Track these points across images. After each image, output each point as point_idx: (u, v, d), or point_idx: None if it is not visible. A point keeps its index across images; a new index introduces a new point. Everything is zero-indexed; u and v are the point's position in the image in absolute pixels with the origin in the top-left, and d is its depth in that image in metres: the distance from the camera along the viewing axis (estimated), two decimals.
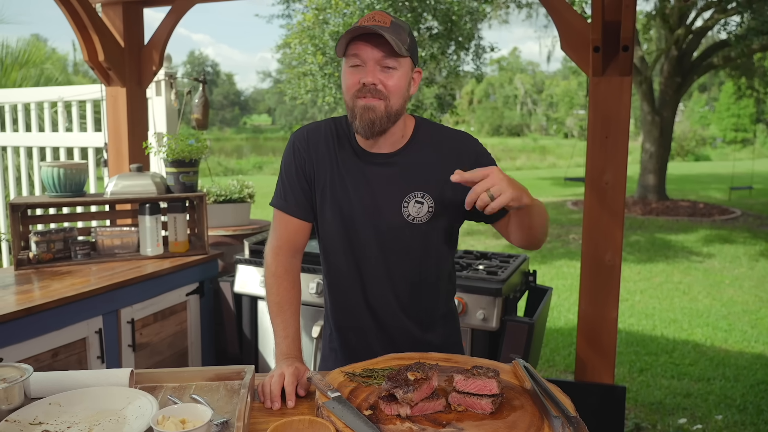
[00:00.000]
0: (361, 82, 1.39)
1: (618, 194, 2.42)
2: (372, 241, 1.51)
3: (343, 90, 1.45)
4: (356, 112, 1.41)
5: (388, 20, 1.40)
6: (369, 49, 1.38)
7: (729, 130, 29.40)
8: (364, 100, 1.40)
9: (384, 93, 1.39)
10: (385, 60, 1.38)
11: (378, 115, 1.40)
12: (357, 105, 1.41)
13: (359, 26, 1.37)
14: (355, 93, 1.41)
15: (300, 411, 1.26)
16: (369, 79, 1.38)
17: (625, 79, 2.37)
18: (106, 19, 3.27)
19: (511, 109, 45.52)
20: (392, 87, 1.40)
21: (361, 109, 1.40)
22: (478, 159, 1.51)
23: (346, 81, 1.43)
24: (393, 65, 1.39)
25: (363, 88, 1.39)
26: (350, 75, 1.41)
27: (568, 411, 1.16)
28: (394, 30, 1.38)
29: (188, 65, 52.91)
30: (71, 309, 2.20)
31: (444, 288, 1.63)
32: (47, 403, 1.20)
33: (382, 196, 1.49)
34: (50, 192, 2.65)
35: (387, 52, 1.38)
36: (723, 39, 11.69)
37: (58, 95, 4.10)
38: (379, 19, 1.39)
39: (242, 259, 2.89)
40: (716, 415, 3.48)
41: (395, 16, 1.44)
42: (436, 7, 8.84)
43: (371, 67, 1.39)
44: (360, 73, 1.40)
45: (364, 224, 1.50)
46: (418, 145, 1.51)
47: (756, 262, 7.58)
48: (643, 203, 12.43)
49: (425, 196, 1.49)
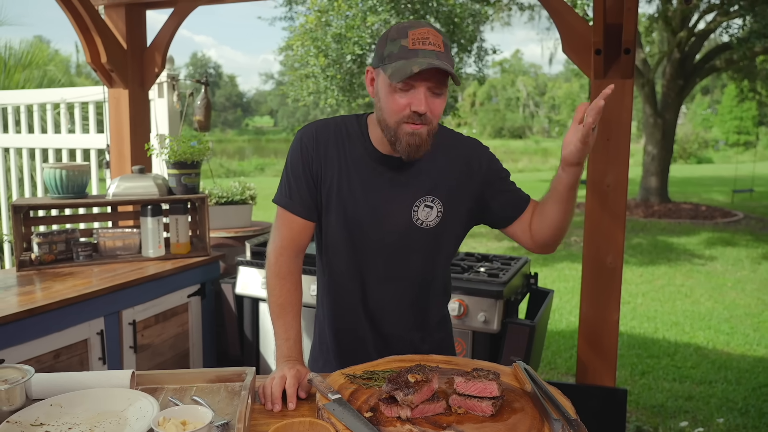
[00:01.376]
0: (412, 110, 1.34)
1: (619, 197, 2.42)
2: (378, 243, 1.50)
3: (384, 107, 1.38)
4: (400, 136, 1.37)
5: (441, 41, 1.33)
6: (423, 78, 1.32)
7: (731, 132, 29.38)
8: (411, 126, 1.36)
9: (430, 118, 1.36)
10: (437, 88, 1.34)
11: (422, 140, 1.37)
12: (402, 130, 1.37)
13: (417, 56, 1.30)
14: (402, 117, 1.36)
15: (300, 413, 1.26)
16: (422, 108, 1.33)
17: (627, 82, 2.37)
18: (109, 21, 3.28)
19: (513, 112, 45.53)
20: (438, 112, 1.38)
21: (406, 135, 1.36)
22: (489, 165, 1.53)
23: (391, 102, 1.36)
24: (442, 92, 1.36)
25: (413, 115, 1.34)
26: (398, 98, 1.35)
27: (569, 414, 1.16)
28: (447, 53, 1.34)
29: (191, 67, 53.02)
30: (73, 310, 2.20)
31: (442, 292, 1.64)
32: (49, 405, 1.21)
33: (391, 199, 1.48)
34: (52, 193, 2.66)
35: (440, 81, 1.33)
36: (725, 42, 11.68)
37: (61, 97, 4.11)
38: (434, 42, 1.32)
39: (244, 261, 2.90)
40: (718, 418, 3.47)
41: (438, 28, 1.38)
42: (439, 10, 8.85)
43: (424, 94, 1.33)
44: (410, 98, 1.34)
45: (371, 226, 1.49)
46: (430, 149, 1.47)
47: (758, 265, 7.57)
48: (645, 206, 12.42)
49: (435, 200, 1.49)
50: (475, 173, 1.51)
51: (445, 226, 1.51)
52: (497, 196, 1.52)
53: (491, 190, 1.52)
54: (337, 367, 1.44)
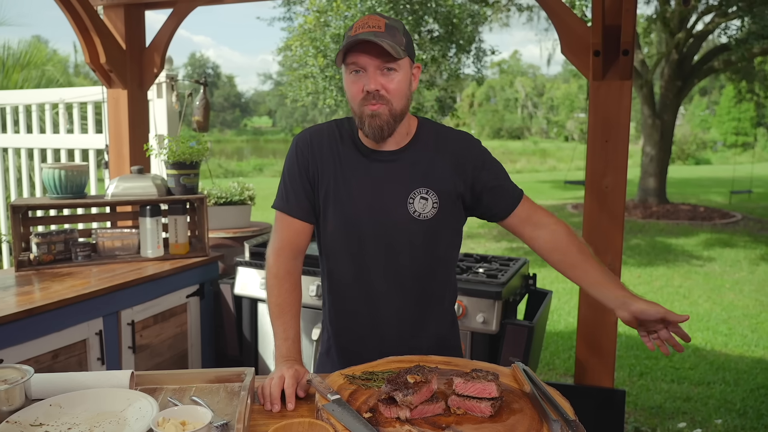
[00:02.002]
0: (365, 90, 1.41)
1: (618, 198, 2.43)
2: (377, 239, 1.51)
3: (348, 98, 1.47)
4: (364, 119, 1.44)
5: (382, 23, 1.41)
6: (367, 57, 1.40)
7: (729, 133, 29.42)
8: (370, 107, 1.42)
9: (387, 97, 1.42)
10: (385, 64, 1.40)
11: (384, 120, 1.43)
12: (364, 113, 1.44)
13: (355, 36, 1.39)
14: (360, 101, 1.43)
15: (300, 413, 1.26)
16: (372, 86, 1.40)
17: (626, 83, 2.37)
18: (108, 21, 3.28)
19: (511, 112, 45.57)
20: (394, 90, 1.42)
21: (368, 117, 1.43)
22: (480, 158, 1.54)
23: (349, 89, 1.45)
24: (393, 67, 1.41)
25: (367, 96, 1.41)
26: (352, 83, 1.44)
27: (567, 414, 1.16)
28: (389, 33, 1.40)
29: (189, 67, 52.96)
30: (72, 310, 2.20)
31: (446, 290, 1.64)
32: (48, 405, 1.21)
33: (387, 192, 1.50)
34: (51, 193, 2.66)
35: (385, 57, 1.39)
36: (723, 43, 11.69)
37: (60, 97, 4.11)
38: (374, 24, 1.40)
39: (242, 262, 2.90)
40: (716, 419, 3.47)
41: (387, 16, 1.46)
42: (437, 10, 8.86)
43: (372, 73, 1.41)
44: (362, 80, 1.42)
45: (368, 222, 1.51)
46: (421, 142, 1.54)
47: (756, 267, 7.58)
48: (644, 207, 12.43)
49: (429, 192, 1.51)
50: (466, 166, 1.53)
51: (441, 218, 1.52)
52: (488, 190, 1.54)
53: (481, 184, 1.53)
54: (340, 367, 1.44)
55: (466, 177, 1.52)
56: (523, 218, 1.55)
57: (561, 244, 1.50)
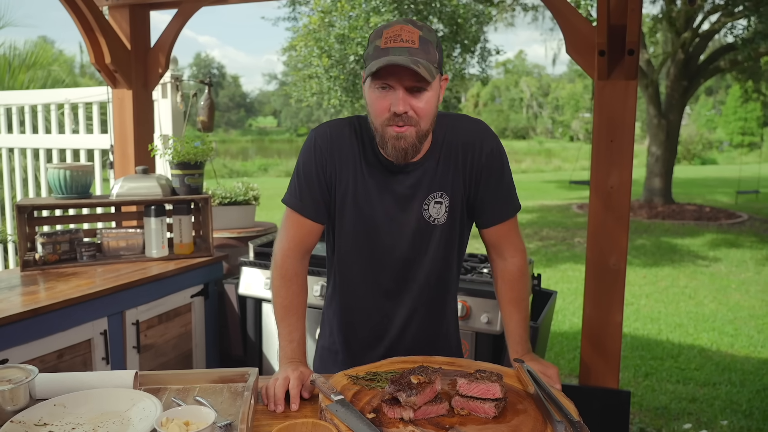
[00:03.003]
0: (392, 111, 1.31)
1: (623, 198, 2.42)
2: (394, 245, 1.48)
3: (371, 113, 1.37)
4: (387, 139, 1.35)
5: (416, 36, 1.29)
6: (398, 79, 1.29)
7: (736, 133, 29.27)
8: (394, 129, 1.33)
9: (415, 119, 1.33)
10: (416, 84, 1.30)
11: (410, 143, 1.34)
12: (387, 133, 1.34)
13: (386, 51, 1.28)
14: (385, 120, 1.33)
15: (303, 414, 1.26)
16: (401, 108, 1.30)
17: (631, 83, 2.36)
18: (113, 22, 3.28)
19: (516, 112, 45.51)
20: (423, 110, 1.33)
21: (392, 138, 1.34)
22: (491, 157, 1.48)
23: (373, 105, 1.34)
24: (424, 87, 1.31)
25: (394, 117, 1.32)
26: (379, 100, 1.33)
27: (572, 415, 1.16)
28: (423, 50, 1.29)
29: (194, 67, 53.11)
30: (76, 310, 2.21)
31: (453, 290, 1.64)
32: (52, 404, 1.21)
33: (406, 200, 1.46)
34: (56, 194, 2.66)
35: (418, 78, 1.29)
36: (730, 42, 11.64)
37: (65, 97, 4.12)
38: (407, 39, 1.28)
39: (247, 262, 2.90)
40: (722, 420, 3.46)
41: (421, 23, 1.34)
42: (442, 10, 8.85)
43: (402, 94, 1.30)
44: (389, 98, 1.31)
45: (386, 229, 1.47)
46: (437, 147, 1.47)
47: (763, 267, 7.54)
48: (649, 207, 12.39)
49: (443, 195, 1.47)
50: (474, 160, 1.47)
51: (454, 221, 1.50)
52: (487, 195, 1.50)
53: (483, 186, 1.49)
54: (344, 366, 1.44)
55: (473, 174, 1.47)
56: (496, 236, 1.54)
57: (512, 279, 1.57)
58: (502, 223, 1.53)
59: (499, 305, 1.58)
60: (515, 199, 1.55)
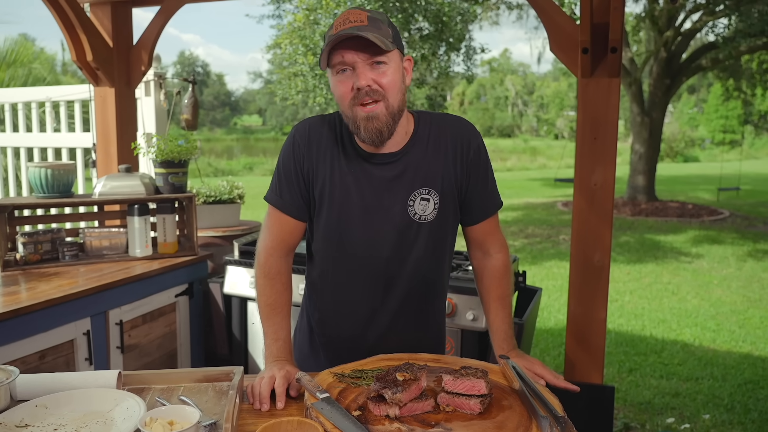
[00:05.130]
0: (355, 88, 1.31)
1: (607, 196, 2.43)
2: (374, 242, 1.45)
3: (338, 101, 1.37)
4: (358, 122, 1.34)
5: (364, 16, 1.32)
6: (353, 53, 1.30)
7: (717, 131, 29.64)
8: (364, 109, 1.32)
9: (381, 92, 1.32)
10: (373, 58, 1.31)
11: (383, 121, 1.33)
12: (358, 115, 1.33)
13: (336, 33, 1.30)
14: (351, 101, 1.33)
15: (289, 412, 1.25)
16: (362, 82, 1.31)
17: (614, 81, 2.38)
18: (95, 19, 3.25)
19: (502, 110, 45.69)
20: (387, 84, 1.33)
21: (363, 120, 1.33)
22: (477, 154, 1.49)
23: (338, 90, 1.35)
24: (383, 60, 1.32)
25: (358, 94, 1.31)
26: (341, 83, 1.34)
27: (556, 411, 1.16)
28: (373, 26, 1.30)
29: (178, 65, 52.68)
30: (59, 311, 2.18)
31: (443, 291, 1.63)
32: (34, 405, 1.19)
33: (387, 196, 1.43)
34: (38, 193, 2.63)
35: (373, 51, 1.30)
36: (711, 41, 11.79)
37: (46, 95, 4.07)
38: (355, 19, 1.31)
39: (232, 260, 2.88)
40: (704, 414, 3.50)
41: (369, 9, 1.37)
42: (427, 8, 8.87)
43: (361, 69, 1.31)
44: (350, 79, 1.32)
45: (366, 226, 1.45)
46: (420, 140, 1.45)
47: (744, 263, 7.65)
48: (633, 204, 12.51)
49: (431, 192, 1.45)
50: (464, 157, 1.47)
51: (443, 219, 1.48)
52: (475, 191, 1.50)
53: (471, 183, 1.49)
54: (331, 364, 1.43)
55: (461, 170, 1.47)
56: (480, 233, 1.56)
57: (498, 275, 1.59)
58: (487, 219, 1.54)
59: (483, 302, 1.59)
60: (498, 194, 1.57)
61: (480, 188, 1.51)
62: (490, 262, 1.57)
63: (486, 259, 1.58)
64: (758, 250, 8.46)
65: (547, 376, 1.37)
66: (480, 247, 1.58)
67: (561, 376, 1.38)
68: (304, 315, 1.66)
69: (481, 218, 1.54)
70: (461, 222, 1.56)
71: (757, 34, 9.66)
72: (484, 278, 1.58)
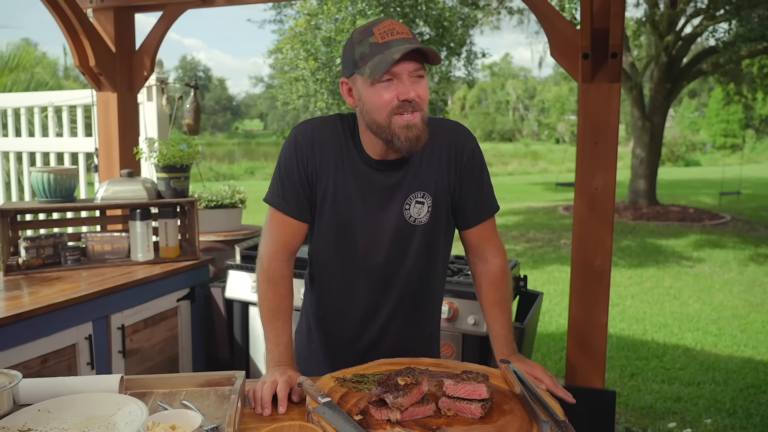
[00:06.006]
0: (401, 98, 1.32)
1: (607, 200, 2.44)
2: (372, 244, 1.48)
3: (371, 108, 1.36)
4: (396, 131, 1.34)
5: (406, 29, 1.35)
6: (404, 64, 1.31)
7: (718, 135, 29.63)
8: (403, 118, 1.33)
9: (420, 104, 1.35)
10: (418, 71, 1.34)
11: (420, 129, 1.35)
12: (396, 124, 1.34)
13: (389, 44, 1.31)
14: (392, 110, 1.33)
15: (291, 417, 1.26)
16: (411, 94, 1.32)
17: (614, 86, 2.39)
18: (97, 24, 3.26)
19: (503, 115, 45.71)
20: (425, 96, 1.36)
21: (403, 129, 1.34)
22: (471, 158, 1.50)
23: (379, 99, 1.34)
24: (422, 74, 1.35)
25: (403, 104, 1.33)
26: (385, 92, 1.33)
27: (558, 415, 1.17)
28: (416, 39, 1.35)
29: (180, 70, 52.77)
30: (61, 315, 2.19)
31: (439, 295, 1.64)
32: (36, 410, 1.20)
33: (387, 201, 1.46)
34: (40, 197, 2.64)
35: (418, 63, 1.33)
36: (712, 45, 11.81)
37: (49, 100, 4.09)
38: (401, 31, 1.33)
39: (233, 265, 2.89)
40: (706, 419, 3.50)
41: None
42: (428, 13, 8.89)
43: (407, 80, 1.32)
44: (395, 89, 1.32)
45: (365, 229, 1.47)
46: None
47: (745, 267, 7.64)
48: (634, 208, 12.50)
49: (425, 195, 1.47)
50: (457, 161, 1.49)
51: (436, 221, 1.50)
52: (469, 195, 1.52)
53: (465, 187, 1.51)
54: (329, 366, 1.44)
55: (455, 174, 1.49)
56: (476, 237, 1.56)
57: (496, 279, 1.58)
58: (483, 223, 1.55)
59: (482, 307, 1.59)
60: (494, 199, 1.57)
61: (474, 192, 1.52)
62: (487, 267, 1.58)
63: (483, 264, 1.58)
64: (760, 254, 8.46)
65: (547, 382, 1.37)
66: (476, 252, 1.59)
67: (560, 385, 1.38)
68: (303, 317, 1.67)
69: (475, 222, 1.54)
70: (457, 226, 1.57)
71: (757, 38, 9.67)
72: (482, 283, 1.59)
